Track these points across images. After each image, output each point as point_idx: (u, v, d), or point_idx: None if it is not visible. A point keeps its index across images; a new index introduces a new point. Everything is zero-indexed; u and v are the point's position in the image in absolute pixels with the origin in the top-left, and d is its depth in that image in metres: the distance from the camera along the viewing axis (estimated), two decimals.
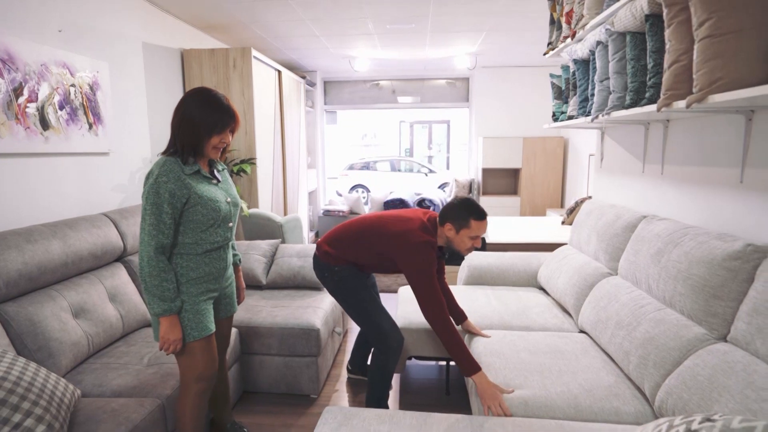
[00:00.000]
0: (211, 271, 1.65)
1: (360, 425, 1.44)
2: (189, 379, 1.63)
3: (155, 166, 1.54)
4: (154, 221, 1.50)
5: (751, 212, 1.66)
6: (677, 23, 1.53)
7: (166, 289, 1.52)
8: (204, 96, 1.57)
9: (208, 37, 4.36)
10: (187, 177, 1.56)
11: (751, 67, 1.32)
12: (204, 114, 1.54)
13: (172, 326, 1.54)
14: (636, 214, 2.15)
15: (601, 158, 2.99)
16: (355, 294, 2.06)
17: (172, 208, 1.53)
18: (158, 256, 1.52)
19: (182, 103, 1.57)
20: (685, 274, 1.56)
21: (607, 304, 1.94)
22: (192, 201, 1.55)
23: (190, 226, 1.58)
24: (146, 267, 1.51)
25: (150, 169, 1.57)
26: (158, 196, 1.50)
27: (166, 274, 1.53)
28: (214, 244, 1.64)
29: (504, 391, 1.64)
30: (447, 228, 1.95)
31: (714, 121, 1.86)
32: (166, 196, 1.50)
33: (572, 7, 2.55)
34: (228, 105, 1.60)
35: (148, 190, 1.51)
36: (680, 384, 1.37)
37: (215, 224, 1.63)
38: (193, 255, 1.60)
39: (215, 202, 1.61)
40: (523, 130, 6.48)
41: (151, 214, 1.50)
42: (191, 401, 1.64)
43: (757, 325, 1.26)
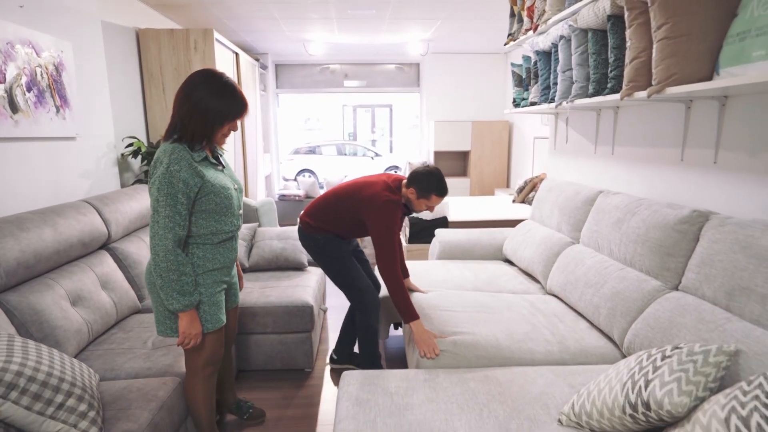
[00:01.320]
0: (225, 261, 1.63)
1: (381, 384, 1.61)
2: (196, 366, 1.63)
3: (162, 154, 1.45)
4: (170, 213, 1.43)
5: (690, 185, 1.99)
6: (637, 24, 1.80)
7: (185, 283, 1.48)
8: (217, 82, 1.49)
9: (161, 17, 4.18)
10: (197, 164, 1.49)
11: (698, 66, 1.61)
12: (219, 103, 1.48)
13: (193, 320, 1.51)
14: (593, 190, 2.46)
15: (555, 141, 3.31)
16: (336, 260, 2.26)
17: (187, 198, 1.46)
18: (176, 249, 1.46)
19: (192, 88, 1.48)
20: (643, 237, 1.86)
21: (574, 268, 2.23)
22: (205, 189, 1.50)
23: (203, 216, 1.53)
24: (163, 262, 1.44)
25: (155, 157, 1.47)
26: (171, 186, 1.42)
27: (185, 268, 1.48)
28: (228, 234, 1.61)
29: (437, 337, 1.88)
30: (410, 191, 2.14)
31: (658, 109, 2.18)
32: (180, 186, 1.43)
33: (534, 2, 2.79)
34: (241, 93, 1.55)
35: (158, 179, 1.43)
36: (645, 326, 1.66)
37: (228, 212, 1.58)
38: (210, 245, 1.57)
39: (227, 190, 1.57)
40: (471, 114, 6.81)
41: (165, 205, 1.43)
42: (201, 386, 1.65)
43: (704, 274, 1.57)
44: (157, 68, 3.69)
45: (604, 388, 1.32)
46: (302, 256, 2.96)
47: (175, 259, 1.46)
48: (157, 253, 1.45)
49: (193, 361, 1.62)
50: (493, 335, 1.90)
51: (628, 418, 1.22)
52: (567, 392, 1.54)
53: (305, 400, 2.26)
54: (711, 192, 1.88)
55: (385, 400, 1.51)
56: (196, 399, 1.66)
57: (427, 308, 2.17)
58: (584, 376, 1.65)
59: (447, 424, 1.38)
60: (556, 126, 3.26)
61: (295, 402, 2.24)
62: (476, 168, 6.58)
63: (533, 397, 1.52)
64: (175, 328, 1.55)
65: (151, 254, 1.48)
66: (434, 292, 2.39)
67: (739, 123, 1.73)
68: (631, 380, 1.25)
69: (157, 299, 1.55)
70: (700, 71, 1.61)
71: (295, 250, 2.94)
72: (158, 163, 1.46)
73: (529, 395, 1.53)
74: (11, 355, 1.28)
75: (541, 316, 2.12)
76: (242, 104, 1.55)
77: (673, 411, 1.11)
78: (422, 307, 2.19)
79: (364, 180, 2.25)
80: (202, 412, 1.68)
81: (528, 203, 4.84)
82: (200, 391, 1.66)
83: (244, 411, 2.07)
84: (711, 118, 1.86)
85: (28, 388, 1.25)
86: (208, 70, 1.52)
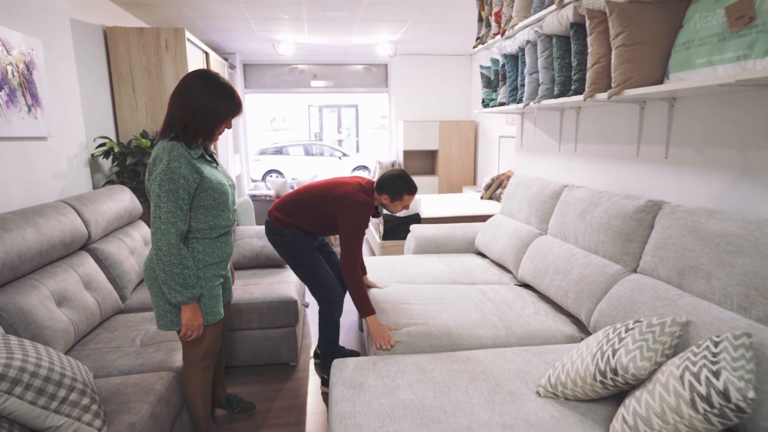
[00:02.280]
0: (223, 255, 1.68)
1: (372, 368, 1.70)
2: (195, 358, 1.67)
3: (162, 152, 1.51)
4: (173, 208, 1.49)
5: (645, 177, 2.20)
6: (597, 32, 1.97)
7: (188, 276, 1.53)
8: (217, 84, 1.56)
9: (128, 15, 4.11)
10: (195, 161, 1.56)
11: (651, 71, 1.79)
12: (220, 103, 1.56)
13: (195, 312, 1.57)
14: (559, 184, 2.65)
15: (521, 139, 3.50)
16: (300, 254, 2.29)
17: (187, 194, 1.52)
18: (179, 243, 1.51)
19: (193, 89, 1.53)
20: (605, 226, 2.05)
21: (543, 257, 2.40)
22: (204, 185, 1.56)
23: (201, 211, 1.58)
24: (166, 256, 1.49)
25: (154, 155, 1.53)
26: (173, 182, 1.48)
27: (187, 261, 1.53)
28: (224, 228, 1.66)
29: (392, 329, 2.00)
30: (383, 197, 2.26)
31: (616, 109, 2.38)
32: (181, 182, 1.49)
33: (501, 9, 2.96)
34: (237, 93, 1.62)
35: (160, 176, 1.48)
36: (609, 306, 1.84)
37: (225, 207, 1.64)
38: (209, 240, 1.62)
39: (223, 186, 1.63)
40: (439, 115, 7.00)
41: (167, 201, 1.48)
42: (199, 378, 1.70)
43: (659, 257, 1.75)
44: (126, 67, 3.63)
45: (576, 361, 1.47)
46: None
47: (178, 253, 1.51)
48: (159, 247, 1.49)
49: (192, 353, 1.67)
50: (445, 324, 2.03)
51: (598, 384, 1.37)
52: (542, 368, 1.69)
53: (293, 392, 2.33)
54: (663, 184, 2.08)
55: (377, 382, 1.61)
56: (194, 391, 1.70)
57: (383, 303, 2.26)
58: (557, 353, 1.81)
59: (436, 401, 1.49)
60: (523, 125, 3.45)
61: (282, 394, 2.31)
62: (444, 166, 6.77)
63: (513, 373, 1.66)
64: (176, 321, 1.60)
65: (153, 249, 1.52)
66: (391, 287, 2.50)
67: (686, 122, 1.93)
68: (600, 351, 1.41)
69: (157, 294, 1.58)
70: (652, 75, 1.79)
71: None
72: (158, 160, 1.51)
73: (508, 372, 1.66)
74: (11, 352, 1.30)
75: (491, 304, 2.27)
76: (239, 104, 1.63)
77: (637, 374, 1.27)
78: (379, 302, 2.28)
79: (340, 179, 2.32)
80: (199, 404, 1.73)
81: (495, 199, 5.05)
82: (198, 384, 1.70)
83: (234, 405, 2.12)
84: (662, 117, 2.07)
85: (32, 383, 1.27)
86: (205, 71, 1.57)
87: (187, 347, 1.66)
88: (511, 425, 1.37)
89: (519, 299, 2.35)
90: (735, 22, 1.42)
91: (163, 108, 3.73)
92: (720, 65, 1.48)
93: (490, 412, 1.43)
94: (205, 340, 1.67)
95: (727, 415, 1.05)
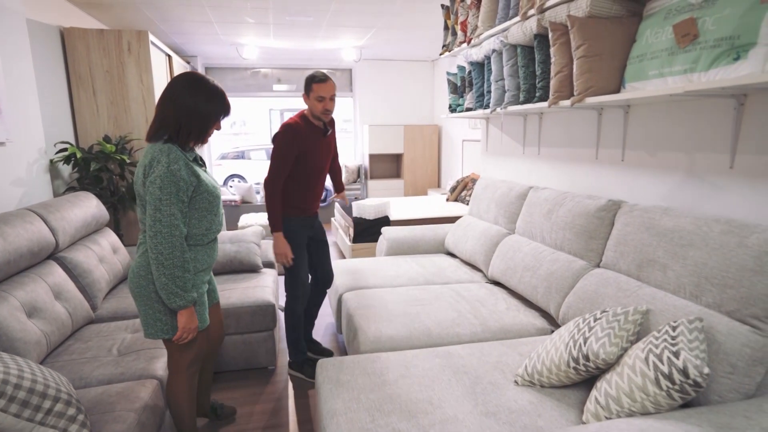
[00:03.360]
0: (210, 262, 1.69)
1: (358, 366, 1.75)
2: (182, 365, 1.66)
3: (159, 154, 1.48)
4: (174, 211, 1.47)
5: (604, 179, 2.37)
6: (560, 44, 2.12)
7: (187, 280, 1.51)
8: (207, 86, 1.56)
9: (86, 16, 3.97)
10: (192, 164, 1.56)
11: (609, 80, 1.95)
12: (212, 105, 1.56)
13: (192, 315, 1.56)
14: (525, 186, 2.79)
15: (486, 143, 3.65)
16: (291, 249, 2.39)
17: (186, 197, 1.51)
18: (183, 245, 1.49)
19: (183, 91, 1.52)
20: (570, 224, 2.19)
21: (513, 255, 2.53)
22: (200, 188, 1.56)
23: (196, 215, 1.58)
24: (168, 259, 1.46)
25: (150, 158, 1.48)
26: (174, 184, 1.46)
27: (188, 264, 1.52)
28: (214, 234, 1.67)
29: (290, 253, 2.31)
30: (304, 98, 2.32)
31: (576, 115, 2.55)
32: (182, 184, 1.48)
33: (466, 18, 3.09)
34: (225, 94, 1.63)
35: (160, 179, 1.45)
36: (576, 299, 1.97)
37: (217, 211, 1.65)
38: (201, 246, 1.62)
39: (216, 189, 1.64)
40: (403, 119, 7.12)
41: (169, 204, 1.45)
42: (186, 384, 1.68)
43: (620, 252, 1.90)
44: (85, 70, 3.51)
45: (550, 350, 1.58)
46: (256, 258, 3.00)
47: (181, 256, 1.49)
48: (160, 252, 1.46)
49: (181, 360, 1.66)
50: (424, 324, 2.12)
51: (572, 370, 1.48)
52: (518, 359, 1.80)
53: (273, 395, 2.34)
54: (621, 184, 2.25)
55: (364, 379, 1.66)
56: (180, 398, 1.69)
57: (362, 308, 2.30)
58: (530, 345, 1.92)
59: (422, 394, 1.56)
60: (488, 130, 3.60)
61: (263, 398, 2.31)
62: (409, 170, 6.89)
63: (491, 365, 1.75)
64: (168, 328, 1.57)
65: (151, 254, 1.48)
66: (368, 291, 2.55)
67: (640, 127, 2.11)
68: (572, 340, 1.52)
69: (146, 302, 1.55)
70: (610, 85, 1.95)
71: (249, 253, 2.98)
72: (155, 162, 1.48)
73: (487, 365, 1.76)
74: None
75: (466, 302, 2.38)
76: (229, 105, 1.65)
77: (606, 359, 1.39)
78: (358, 306, 2.32)
79: None
80: (185, 411, 1.71)
81: (461, 201, 5.21)
82: (184, 390, 1.69)
83: (217, 412, 2.11)
84: (618, 123, 2.24)
85: (16, 395, 1.24)
86: (194, 73, 1.57)
87: (174, 354, 1.65)
88: (494, 413, 1.46)
89: (491, 297, 2.46)
90: (681, 39, 1.58)
91: (126, 112, 3.63)
92: (670, 77, 1.64)
93: (473, 402, 1.51)
94: (195, 346, 1.67)
95: (686, 390, 1.18)
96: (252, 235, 3.14)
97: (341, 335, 3.04)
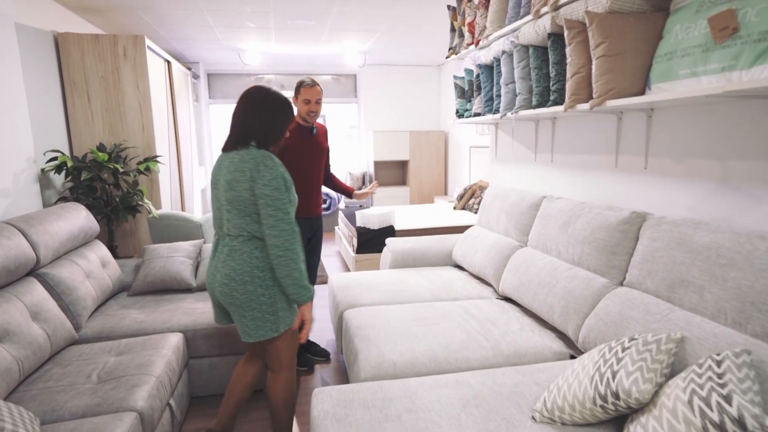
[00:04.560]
0: None
1: (356, 398, 1.58)
2: (292, 358, 1.76)
3: (264, 159, 1.57)
4: (290, 210, 1.58)
5: (624, 188, 2.19)
6: (576, 42, 1.95)
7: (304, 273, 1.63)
8: (281, 98, 1.71)
9: (81, 20, 3.87)
10: None
11: (632, 81, 1.78)
12: (285, 116, 1.71)
13: (310, 307, 1.70)
14: (537, 195, 2.62)
15: (496, 150, 3.48)
16: None
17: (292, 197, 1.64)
18: (299, 242, 1.60)
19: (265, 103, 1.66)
20: (589, 238, 2.01)
21: (526, 270, 2.35)
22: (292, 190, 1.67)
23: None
24: (295, 254, 1.57)
25: (254, 162, 1.56)
26: (285, 185, 1.58)
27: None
28: None
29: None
30: (294, 101, 2.45)
31: (593, 119, 2.38)
32: (288, 185, 1.61)
33: (474, 19, 2.94)
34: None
35: (275, 180, 1.55)
36: (598, 321, 1.79)
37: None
38: None
39: None
40: (409, 125, 6.98)
41: (285, 203, 1.57)
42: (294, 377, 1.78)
43: (647, 270, 1.72)
44: (80, 76, 3.40)
45: (573, 383, 1.41)
46: None
47: (300, 251, 1.62)
48: (287, 248, 1.56)
49: (291, 353, 1.75)
50: (430, 347, 1.94)
51: (598, 408, 1.31)
52: (535, 389, 1.62)
53: (266, 422, 2.17)
54: (643, 194, 2.07)
55: (364, 414, 1.49)
56: (290, 392, 1.77)
57: (365, 328, 2.13)
58: (547, 372, 1.74)
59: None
60: (497, 135, 3.44)
61: (257, 425, 2.14)
62: (415, 177, 6.73)
63: (505, 397, 1.57)
64: (274, 326, 1.64)
65: (276, 252, 1.56)
66: (371, 309, 2.37)
67: (665, 133, 1.93)
68: (598, 373, 1.35)
69: (255, 305, 1.60)
70: (633, 86, 1.78)
71: None
72: (262, 166, 1.56)
73: (500, 396, 1.58)
74: None
75: (475, 322, 2.19)
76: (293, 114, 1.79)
77: (640, 398, 1.21)
78: (361, 327, 2.16)
79: None
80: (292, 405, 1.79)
81: (468, 209, 5.03)
82: (293, 383, 1.78)
83: None
84: (640, 128, 2.06)
85: None
86: (264, 87, 1.70)
87: (282, 350, 1.72)
88: None
89: (503, 315, 2.28)
90: (719, 33, 1.41)
91: (122, 119, 3.51)
92: (704, 76, 1.46)
93: None
94: (295, 341, 1.76)
95: None
96: None
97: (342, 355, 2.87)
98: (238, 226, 1.59)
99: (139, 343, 2.05)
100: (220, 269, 1.61)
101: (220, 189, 1.63)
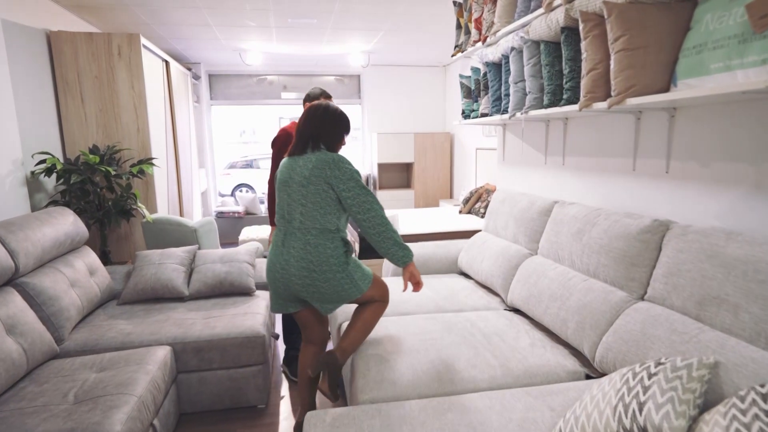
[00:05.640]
0: None
1: (351, 424, 1.44)
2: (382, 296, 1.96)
3: (337, 157, 1.78)
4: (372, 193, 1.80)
5: (643, 193, 2.03)
6: (592, 36, 1.81)
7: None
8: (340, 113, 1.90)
9: (76, 19, 3.76)
10: None
11: (655, 77, 1.63)
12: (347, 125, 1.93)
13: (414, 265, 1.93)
14: (548, 200, 2.47)
15: (503, 152, 3.33)
16: None
17: None
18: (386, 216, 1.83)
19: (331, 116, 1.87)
20: (606, 248, 1.86)
21: (536, 281, 2.20)
22: None
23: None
24: (389, 227, 1.82)
25: (331, 159, 1.77)
26: (360, 178, 1.80)
27: None
28: None
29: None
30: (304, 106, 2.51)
31: (609, 120, 2.23)
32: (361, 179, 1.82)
33: (481, 14, 2.79)
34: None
35: (354, 173, 1.79)
36: (617, 340, 1.64)
37: None
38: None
39: None
40: (413, 126, 6.83)
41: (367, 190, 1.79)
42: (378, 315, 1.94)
43: (672, 284, 1.57)
44: (73, 76, 3.29)
45: (592, 413, 1.26)
46: (249, 279, 2.71)
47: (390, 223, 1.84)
48: (380, 223, 1.80)
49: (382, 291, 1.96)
50: (433, 366, 1.79)
51: None
52: (548, 416, 1.47)
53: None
54: (664, 200, 1.92)
55: None
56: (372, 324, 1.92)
57: (364, 344, 1.99)
58: (561, 395, 1.59)
59: None
60: (505, 137, 3.29)
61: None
62: (420, 180, 6.58)
63: (516, 425, 1.43)
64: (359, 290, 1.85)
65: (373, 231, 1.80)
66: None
67: (689, 134, 1.78)
68: (622, 403, 1.19)
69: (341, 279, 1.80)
70: (657, 83, 1.63)
71: (241, 273, 2.69)
72: (341, 163, 1.78)
73: (510, 423, 1.43)
74: None
75: (482, 336, 2.03)
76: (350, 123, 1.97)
77: None
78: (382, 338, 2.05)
79: None
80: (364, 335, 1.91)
81: (475, 213, 4.88)
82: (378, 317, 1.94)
83: None
84: (661, 128, 1.91)
85: None
86: (325, 103, 1.90)
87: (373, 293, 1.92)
88: None
89: (512, 329, 2.13)
90: (758, 21, 1.26)
91: (116, 120, 3.40)
92: (740, 70, 1.31)
93: None
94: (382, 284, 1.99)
95: None
96: (245, 254, 2.86)
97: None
98: (312, 218, 1.78)
99: (123, 357, 1.92)
100: (294, 263, 1.78)
101: (293, 186, 1.80)
